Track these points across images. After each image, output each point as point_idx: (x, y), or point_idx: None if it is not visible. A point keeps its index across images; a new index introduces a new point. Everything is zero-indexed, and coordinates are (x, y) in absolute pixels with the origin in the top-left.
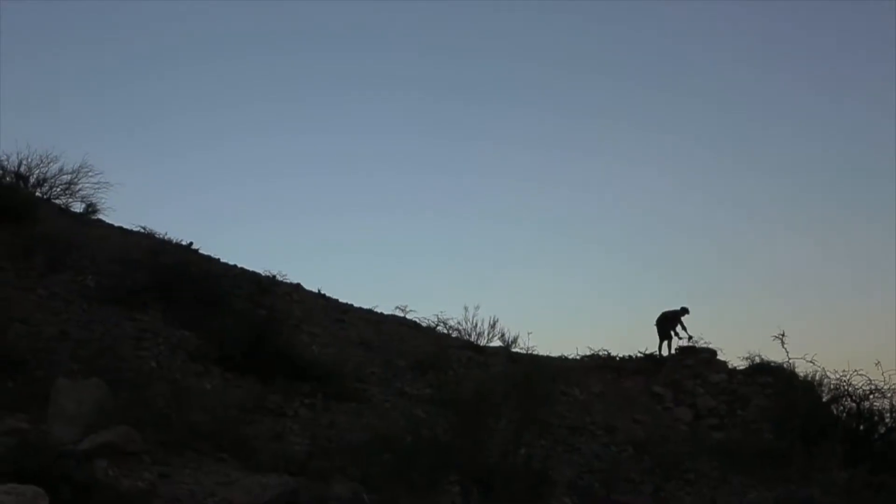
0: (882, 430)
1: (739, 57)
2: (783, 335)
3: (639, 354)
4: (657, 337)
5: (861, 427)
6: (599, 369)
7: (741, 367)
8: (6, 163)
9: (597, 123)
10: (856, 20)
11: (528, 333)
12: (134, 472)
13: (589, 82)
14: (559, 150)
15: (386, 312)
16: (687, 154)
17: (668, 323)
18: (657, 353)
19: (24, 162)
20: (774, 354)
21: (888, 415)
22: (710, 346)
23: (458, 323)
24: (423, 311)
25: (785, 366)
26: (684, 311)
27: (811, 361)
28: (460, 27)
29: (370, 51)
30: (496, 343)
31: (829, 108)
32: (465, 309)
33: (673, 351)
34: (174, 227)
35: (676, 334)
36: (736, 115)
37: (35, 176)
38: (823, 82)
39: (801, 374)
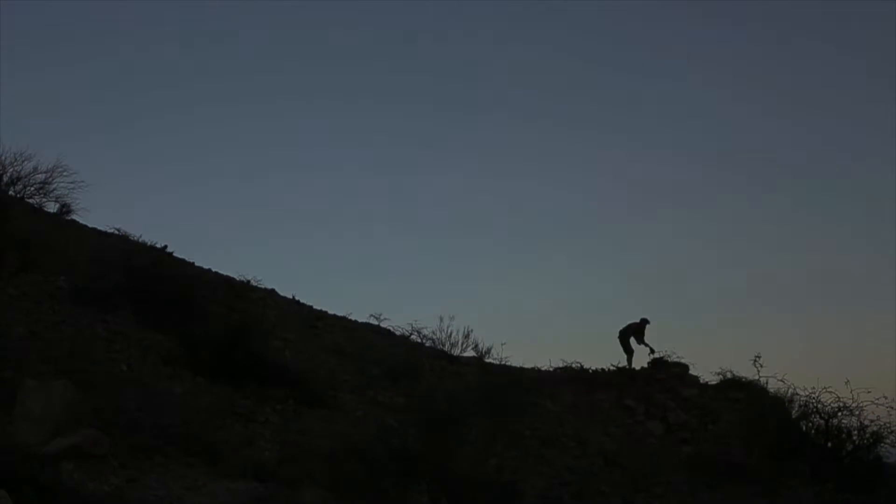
0: (850, 447)
1: (728, 61)
2: (759, 357)
3: (611, 367)
4: (623, 352)
5: (829, 444)
6: (572, 381)
7: (713, 382)
8: None
9: (571, 133)
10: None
11: (502, 344)
12: (100, 475)
13: (566, 91)
14: (535, 160)
15: (360, 320)
16: (662, 168)
17: (629, 336)
18: (627, 366)
19: None
20: (746, 370)
21: (856, 432)
22: (682, 360)
23: (432, 332)
24: (397, 320)
25: (756, 382)
26: (645, 321)
27: (781, 380)
28: (434, 33)
29: (347, 59)
30: (469, 353)
31: (815, 120)
32: (440, 319)
33: (641, 365)
34: (149, 229)
35: (644, 344)
36: (714, 129)
37: (8, 175)
38: (808, 94)
39: (772, 391)
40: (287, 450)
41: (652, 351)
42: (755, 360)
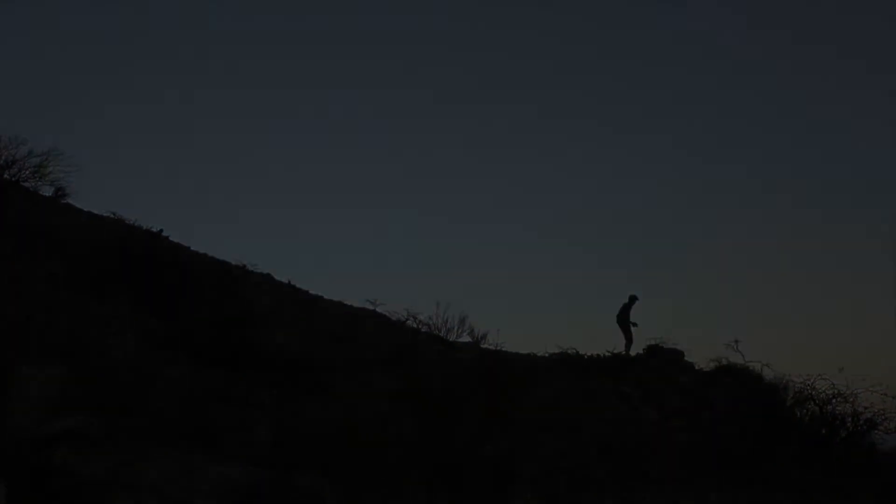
0: (844, 434)
1: (729, 58)
2: (737, 342)
3: (607, 353)
4: (623, 337)
5: (823, 431)
6: (567, 367)
7: (708, 369)
8: None
9: (571, 121)
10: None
11: (498, 330)
12: (95, 458)
13: (567, 82)
14: (530, 148)
15: (356, 305)
16: (662, 159)
17: (626, 318)
18: (624, 351)
19: None
20: (740, 357)
21: (850, 419)
22: (678, 346)
23: (428, 318)
24: (393, 305)
25: (751, 369)
26: (633, 298)
27: (767, 365)
28: (437, 28)
29: (347, 48)
30: (465, 339)
31: (815, 116)
32: (437, 304)
33: (637, 352)
34: (143, 213)
35: (632, 324)
36: (714, 119)
37: (3, 158)
38: (809, 92)
39: (767, 377)
40: (282, 434)
41: (634, 325)
42: (734, 345)
